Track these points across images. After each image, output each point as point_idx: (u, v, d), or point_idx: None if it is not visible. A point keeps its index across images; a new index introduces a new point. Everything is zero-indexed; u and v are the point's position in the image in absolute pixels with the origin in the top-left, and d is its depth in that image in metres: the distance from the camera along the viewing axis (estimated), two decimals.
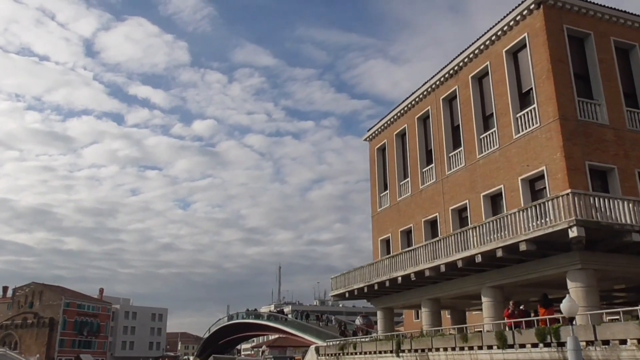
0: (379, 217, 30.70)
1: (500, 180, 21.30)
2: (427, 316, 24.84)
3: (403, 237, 28.18)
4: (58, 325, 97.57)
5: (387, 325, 28.98)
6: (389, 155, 30.20)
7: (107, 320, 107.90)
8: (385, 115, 30.75)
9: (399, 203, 28.63)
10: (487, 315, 20.79)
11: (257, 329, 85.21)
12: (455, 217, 24.21)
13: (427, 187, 26.33)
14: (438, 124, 25.89)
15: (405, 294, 26.56)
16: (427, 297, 24.91)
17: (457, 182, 24.07)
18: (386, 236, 29.69)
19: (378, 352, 24.05)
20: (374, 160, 31.93)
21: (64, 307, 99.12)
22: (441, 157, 25.34)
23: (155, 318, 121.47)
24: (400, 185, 28.87)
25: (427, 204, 26.11)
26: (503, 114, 21.54)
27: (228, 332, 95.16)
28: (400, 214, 28.39)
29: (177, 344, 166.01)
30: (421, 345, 20.78)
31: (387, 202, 30.02)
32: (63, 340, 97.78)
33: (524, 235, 16.93)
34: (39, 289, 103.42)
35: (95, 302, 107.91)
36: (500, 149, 21.54)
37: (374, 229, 31.09)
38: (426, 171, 26.65)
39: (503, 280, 20.28)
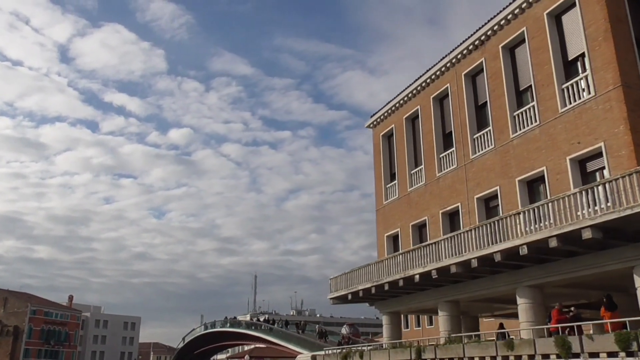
0: (384, 211, 27.50)
1: (542, 162, 18.30)
2: (446, 321, 21.65)
3: (415, 232, 25.01)
4: (23, 334, 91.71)
5: (394, 332, 25.70)
6: (398, 141, 27.08)
7: (76, 329, 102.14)
8: (392, 99, 27.69)
9: (410, 194, 25.49)
10: (525, 320, 17.68)
11: (236, 338, 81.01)
12: (481, 206, 21.13)
13: (445, 174, 23.24)
14: (459, 103, 22.87)
15: (418, 296, 23.35)
16: (446, 299, 21.75)
17: (484, 166, 21.03)
18: (394, 232, 26.48)
19: None
20: (379, 149, 28.78)
21: (30, 314, 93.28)
22: (463, 139, 22.31)
23: (127, 327, 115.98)
24: (411, 174, 25.75)
25: (445, 193, 23.01)
26: (544, 86, 18.60)
27: (204, 342, 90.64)
28: (412, 206, 25.23)
29: (150, 354, 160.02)
30: (450, 353, 17.52)
31: (395, 193, 26.85)
32: (28, 350, 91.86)
33: (589, 220, 13.88)
34: (3, 295, 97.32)
35: (64, 309, 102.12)
36: (540, 125, 18.56)
37: (379, 224, 27.86)
38: (444, 156, 23.58)
39: (546, 278, 17.23)
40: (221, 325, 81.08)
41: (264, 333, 64.05)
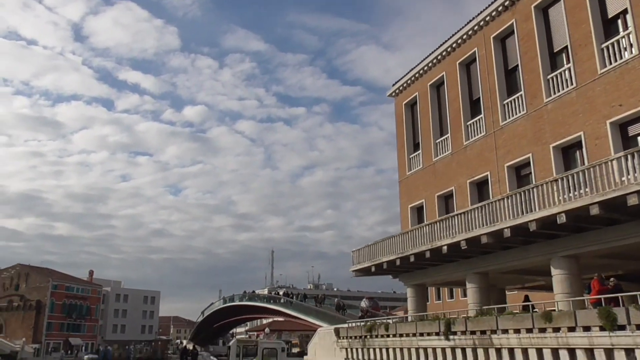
0: (408, 182, 26.78)
1: (579, 127, 17.39)
2: (474, 293, 21.07)
3: (440, 203, 24.31)
4: (45, 308, 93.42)
5: (419, 305, 25.23)
6: (422, 110, 26.19)
7: (97, 303, 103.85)
8: (415, 65, 26.69)
9: (435, 164, 24.71)
10: (560, 291, 17.02)
11: (255, 311, 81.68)
12: (512, 174, 20.32)
13: (473, 142, 22.40)
14: (488, 68, 21.87)
15: (445, 268, 22.77)
16: (475, 271, 21.13)
17: (515, 133, 20.14)
18: (418, 203, 25.80)
19: (419, 334, 20.26)
20: (401, 118, 27.91)
21: (51, 289, 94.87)
22: (492, 106, 21.38)
23: (147, 301, 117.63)
24: (436, 143, 24.92)
25: (473, 162, 22.20)
26: (582, 46, 17.57)
27: (223, 316, 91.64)
28: (437, 176, 24.48)
29: (169, 328, 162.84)
30: (482, 326, 16.97)
31: (419, 163, 26.08)
32: (51, 324, 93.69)
33: (635, 185, 13.06)
34: (25, 270, 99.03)
35: (84, 284, 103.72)
36: (577, 88, 17.59)
37: (402, 195, 27.18)
38: (472, 124, 22.70)
39: (583, 247, 16.49)
40: (240, 299, 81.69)
41: (283, 306, 64.30)
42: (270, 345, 20.01)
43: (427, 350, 19.77)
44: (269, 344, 20.31)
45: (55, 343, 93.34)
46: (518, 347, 15.43)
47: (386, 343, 22.40)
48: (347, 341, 25.73)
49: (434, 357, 19.42)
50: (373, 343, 23.35)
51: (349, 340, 25.60)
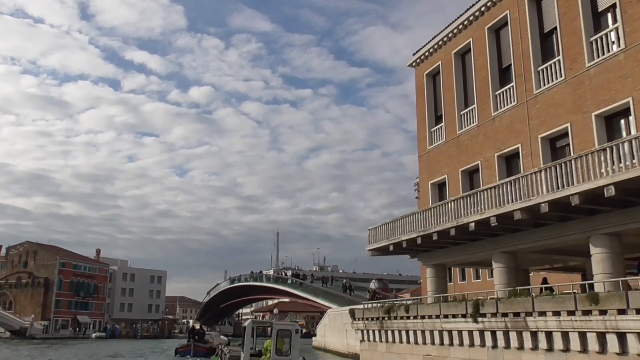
0: (429, 156, 25.33)
1: (626, 92, 15.84)
2: (501, 274, 19.75)
3: (465, 178, 22.89)
4: (53, 286, 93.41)
5: (439, 285, 23.98)
6: (445, 79, 24.64)
7: (104, 282, 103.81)
8: (439, 33, 25.06)
9: (460, 137, 23.23)
10: (601, 272, 15.64)
11: (262, 292, 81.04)
12: (546, 146, 18.83)
13: (502, 113, 20.87)
14: (521, 32, 20.23)
15: (469, 247, 21.44)
16: (502, 250, 19.80)
17: (551, 102, 18.60)
18: (440, 178, 24.39)
19: (443, 316, 19.04)
20: (422, 89, 26.36)
21: (59, 267, 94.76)
22: (525, 72, 19.81)
23: (154, 280, 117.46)
24: (461, 115, 23.42)
25: (502, 134, 20.70)
26: (632, 3, 15.94)
27: (229, 296, 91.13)
28: (461, 150, 23.02)
29: (176, 307, 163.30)
30: (515, 307, 15.69)
31: (441, 137, 24.61)
32: (59, 301, 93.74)
33: None
34: (33, 248, 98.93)
35: (92, 262, 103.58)
36: (626, 50, 16.00)
37: (422, 171, 25.77)
38: (501, 94, 21.15)
39: (629, 224, 15.09)
40: (247, 279, 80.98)
41: (291, 287, 63.48)
42: (284, 326, 18.75)
43: (452, 333, 18.56)
44: (284, 325, 19.11)
45: (64, 320, 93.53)
46: (557, 331, 14.16)
47: (406, 325, 21.23)
48: (362, 323, 24.59)
49: (459, 339, 18.21)
50: (391, 325, 22.19)
51: (364, 322, 24.46)
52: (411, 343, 21.08)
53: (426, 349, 20.15)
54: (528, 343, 15.24)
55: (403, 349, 21.56)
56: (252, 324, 19.47)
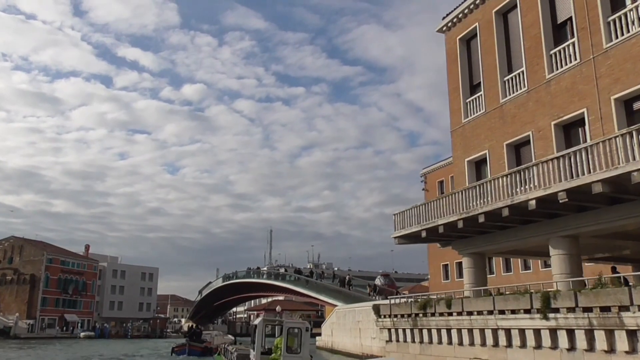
0: (464, 131, 22.30)
1: None
2: (562, 262, 16.76)
3: (511, 153, 19.87)
4: (40, 283, 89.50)
5: (478, 277, 20.98)
6: (484, 43, 21.59)
7: (93, 279, 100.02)
8: None
9: (504, 106, 20.21)
10: None
11: (258, 289, 77.86)
12: (620, 108, 15.84)
13: (560, 74, 17.85)
14: None
15: (519, 232, 18.47)
16: (562, 234, 16.82)
17: (627, 55, 15.61)
18: (479, 155, 21.37)
19: (498, 312, 16.00)
20: (454, 56, 23.33)
21: (46, 263, 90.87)
22: (592, 25, 16.81)
23: (145, 277, 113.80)
24: (504, 81, 20.39)
25: (560, 98, 17.69)
26: None
27: (223, 294, 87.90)
28: (506, 120, 20.00)
29: (167, 306, 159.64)
30: (604, 300, 12.69)
31: (479, 108, 21.58)
32: (46, 299, 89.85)
33: None
34: (19, 243, 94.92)
35: (80, 259, 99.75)
36: None
37: (456, 147, 22.73)
38: (559, 52, 18.12)
39: None
40: (243, 276, 77.76)
41: (292, 284, 60.13)
42: (295, 325, 18.09)
43: (511, 332, 15.55)
44: (294, 323, 18.30)
45: (50, 319, 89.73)
46: None
47: (447, 323, 18.17)
48: (390, 320, 21.53)
49: (520, 340, 15.20)
50: (428, 323, 19.14)
51: (392, 320, 21.40)
52: (454, 344, 18.07)
53: (474, 351, 17.14)
54: (622, 345, 12.25)
55: (443, 350, 18.54)
56: (264, 322, 18.82)
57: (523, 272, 38.53)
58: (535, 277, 33.45)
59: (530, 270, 37.94)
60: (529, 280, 23.99)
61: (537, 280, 26.38)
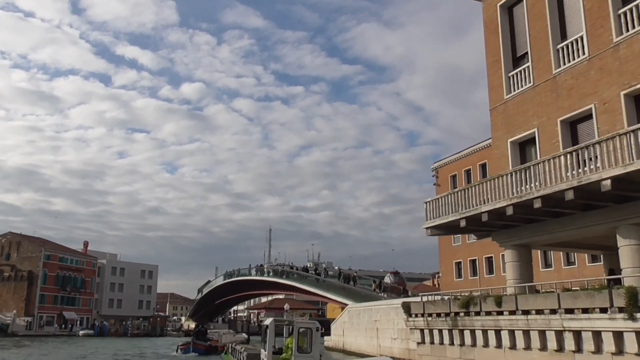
0: (507, 108, 19.87)
1: None
2: (634, 252, 14.38)
3: (565, 130, 17.44)
4: (38, 279, 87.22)
5: (523, 272, 18.55)
6: (532, 7, 19.15)
7: (92, 276, 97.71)
8: None
9: (557, 78, 17.78)
10: None
11: (261, 287, 75.51)
12: None
13: (632, 36, 15.43)
14: None
15: (577, 220, 16.08)
16: (634, 221, 14.43)
17: None
18: (525, 134, 18.94)
19: (564, 311, 13.59)
20: (494, 25, 20.89)
21: (44, 259, 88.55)
22: None
23: (145, 275, 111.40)
24: (557, 49, 17.97)
25: (633, 64, 15.26)
26: None
27: (225, 292, 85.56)
28: (560, 94, 17.58)
29: (166, 304, 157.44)
30: None
31: (526, 81, 19.16)
32: (44, 296, 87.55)
33: None
34: (17, 239, 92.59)
35: (79, 255, 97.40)
36: None
37: (496, 127, 20.30)
38: (629, 11, 15.69)
39: None
40: (245, 274, 75.38)
41: (297, 282, 57.71)
42: (305, 325, 17.87)
43: (582, 334, 13.13)
44: (304, 323, 18.10)
45: (49, 316, 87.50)
46: None
47: (497, 323, 15.76)
48: (423, 320, 19.11)
49: (595, 344, 12.77)
50: (472, 323, 16.73)
51: (426, 319, 18.98)
52: (504, 347, 15.68)
53: (531, 356, 14.74)
54: None
55: (490, 355, 16.14)
56: (275, 322, 18.83)
57: (566, 268, 35.63)
58: (579, 273, 31.01)
59: (575, 265, 35.02)
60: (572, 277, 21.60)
61: (582, 277, 23.98)
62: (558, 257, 36.81)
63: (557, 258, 36.99)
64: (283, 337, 20.13)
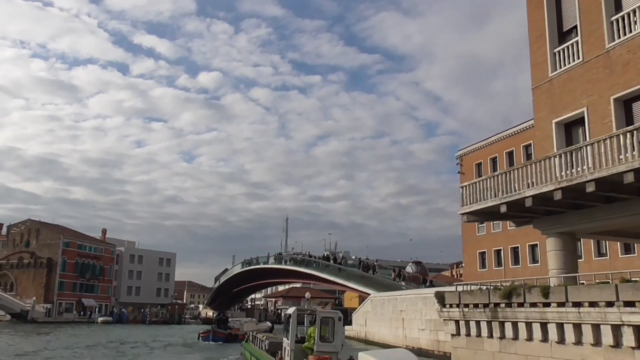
0: (552, 86, 18.57)
1: None
2: None
3: (619, 109, 16.14)
4: (57, 267, 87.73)
5: (568, 261, 17.37)
6: None
7: (110, 263, 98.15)
8: None
9: (611, 52, 16.44)
10: None
11: (279, 275, 75.02)
12: None
13: None
14: None
15: (632, 205, 14.84)
16: None
17: None
18: (573, 114, 17.66)
19: (624, 304, 12.43)
20: None
21: (62, 247, 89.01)
22: None
23: (163, 263, 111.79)
24: (611, 22, 16.61)
25: None
26: None
27: (243, 280, 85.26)
28: (614, 70, 16.25)
29: (184, 292, 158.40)
30: None
31: (574, 57, 17.82)
32: (63, 283, 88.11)
33: None
34: (35, 226, 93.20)
35: (97, 243, 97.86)
36: None
37: (539, 107, 19.01)
38: None
39: None
40: (265, 262, 74.87)
41: (322, 272, 56.90)
42: (327, 314, 17.88)
43: None
44: (327, 313, 18.05)
45: (68, 303, 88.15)
46: None
47: (544, 315, 14.62)
48: (459, 311, 18.03)
49: None
50: (515, 314, 15.60)
51: (462, 310, 17.90)
52: (550, 341, 14.54)
53: (582, 352, 13.60)
54: None
55: (534, 349, 15.02)
56: (298, 312, 18.95)
57: (623, 256, 32.96)
58: (611, 265, 29.57)
59: (634, 253, 32.60)
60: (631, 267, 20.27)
61: (614, 269, 22.68)
62: (614, 245, 33.62)
63: (612, 246, 33.91)
64: (304, 326, 20.24)
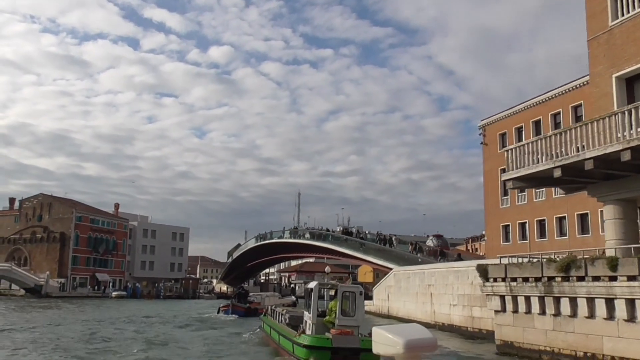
0: (612, 37, 16.68)
1: None
2: None
3: None
4: (70, 241, 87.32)
5: (628, 230, 15.74)
6: None
7: (124, 238, 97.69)
8: None
9: None
10: None
11: (295, 250, 74.11)
12: None
13: None
14: None
15: None
16: None
17: None
18: (635, 67, 15.82)
19: None
20: None
21: (75, 221, 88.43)
22: None
23: (176, 237, 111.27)
24: None
25: None
26: None
27: (257, 255, 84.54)
28: None
29: (197, 267, 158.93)
30: None
31: (638, 3, 15.91)
32: (76, 258, 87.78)
33: None
34: (48, 200, 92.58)
35: (110, 217, 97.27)
36: None
37: (596, 60, 17.14)
38: None
39: None
40: (280, 236, 73.87)
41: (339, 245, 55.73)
42: (349, 289, 17.87)
43: None
44: (348, 287, 18.09)
45: (82, 278, 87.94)
46: None
47: (610, 290, 13.08)
48: (505, 285, 16.52)
49: None
50: (574, 289, 14.08)
51: (509, 284, 16.39)
52: (617, 319, 13.05)
53: None
54: None
55: (597, 327, 13.54)
56: (320, 286, 19.01)
57: None
58: None
59: None
60: None
61: None
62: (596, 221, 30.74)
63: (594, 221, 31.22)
64: (324, 300, 20.16)
